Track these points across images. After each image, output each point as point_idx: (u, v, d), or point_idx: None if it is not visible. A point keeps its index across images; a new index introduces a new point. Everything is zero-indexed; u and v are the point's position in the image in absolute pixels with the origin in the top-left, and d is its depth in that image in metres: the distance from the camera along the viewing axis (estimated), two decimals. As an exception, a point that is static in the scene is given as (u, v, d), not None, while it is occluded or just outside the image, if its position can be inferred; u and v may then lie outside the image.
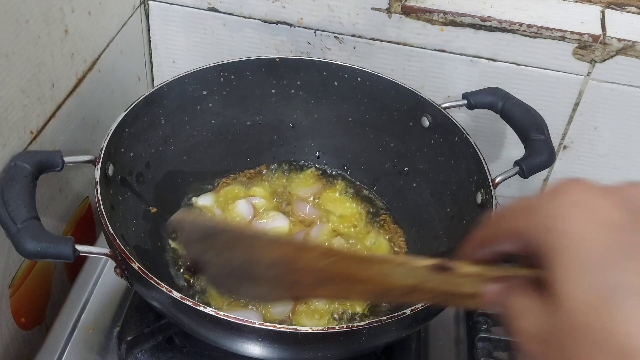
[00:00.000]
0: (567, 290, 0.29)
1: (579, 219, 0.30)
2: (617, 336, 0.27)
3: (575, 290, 0.29)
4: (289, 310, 0.73)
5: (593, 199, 0.30)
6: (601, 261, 0.29)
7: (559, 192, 0.31)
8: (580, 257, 0.29)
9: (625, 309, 0.27)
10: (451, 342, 0.80)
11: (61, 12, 0.74)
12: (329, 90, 0.87)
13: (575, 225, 0.30)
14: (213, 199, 0.85)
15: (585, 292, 0.28)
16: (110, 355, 0.74)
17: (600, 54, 0.86)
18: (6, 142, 0.68)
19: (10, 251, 0.69)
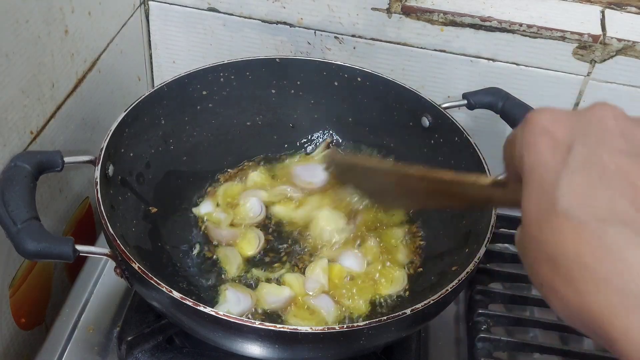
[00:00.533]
0: (525, 207, 0.34)
1: (539, 146, 0.34)
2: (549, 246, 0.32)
3: (529, 207, 0.33)
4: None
5: (551, 124, 0.34)
6: (547, 181, 0.33)
7: (527, 122, 0.35)
8: (536, 179, 0.33)
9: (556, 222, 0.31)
10: (451, 342, 0.80)
11: (61, 12, 0.74)
12: (329, 90, 0.87)
13: (536, 153, 0.34)
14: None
15: (533, 208, 0.33)
16: (110, 355, 0.74)
17: (600, 54, 0.86)
18: (6, 142, 0.68)
19: (10, 251, 0.69)
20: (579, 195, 0.31)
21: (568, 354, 0.78)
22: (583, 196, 0.31)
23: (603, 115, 0.34)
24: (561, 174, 0.32)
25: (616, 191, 0.30)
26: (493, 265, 0.87)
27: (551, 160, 0.33)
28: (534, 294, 0.85)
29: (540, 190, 0.33)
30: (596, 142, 0.32)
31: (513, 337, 0.79)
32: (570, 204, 0.31)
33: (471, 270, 0.63)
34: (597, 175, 0.31)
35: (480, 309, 0.80)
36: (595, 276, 0.30)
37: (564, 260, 0.31)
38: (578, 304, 0.31)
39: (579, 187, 0.31)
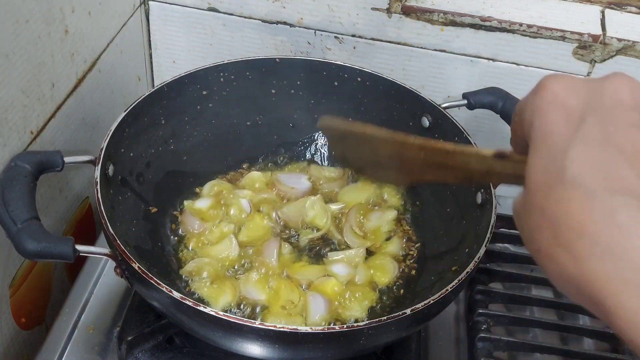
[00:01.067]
0: (529, 174, 0.34)
1: (549, 112, 0.34)
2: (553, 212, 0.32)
3: (535, 175, 0.34)
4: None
5: (564, 93, 0.34)
6: (556, 150, 0.33)
7: (538, 88, 0.35)
8: (543, 148, 0.33)
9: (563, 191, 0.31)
10: (451, 342, 0.80)
11: (61, 12, 0.74)
12: (329, 90, 0.87)
13: (547, 121, 0.34)
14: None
15: (539, 176, 0.33)
16: (111, 355, 0.74)
17: (600, 54, 0.86)
18: (6, 142, 0.68)
19: (10, 251, 0.69)
20: (588, 166, 0.31)
21: (568, 354, 0.78)
22: (592, 167, 0.31)
23: (618, 87, 0.33)
24: (572, 143, 0.32)
25: (626, 164, 0.31)
26: (493, 265, 0.87)
27: (562, 130, 0.33)
28: (534, 294, 0.85)
29: (549, 158, 0.33)
30: (609, 115, 0.32)
31: (513, 337, 0.79)
32: (579, 173, 0.31)
33: (471, 270, 0.63)
34: (608, 148, 0.31)
35: (480, 309, 0.80)
36: (597, 244, 0.30)
37: (567, 228, 0.31)
38: (575, 272, 0.31)
39: (589, 158, 0.31)
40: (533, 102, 0.35)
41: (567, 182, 0.31)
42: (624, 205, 0.30)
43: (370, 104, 0.87)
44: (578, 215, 0.31)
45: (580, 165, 0.31)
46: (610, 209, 0.30)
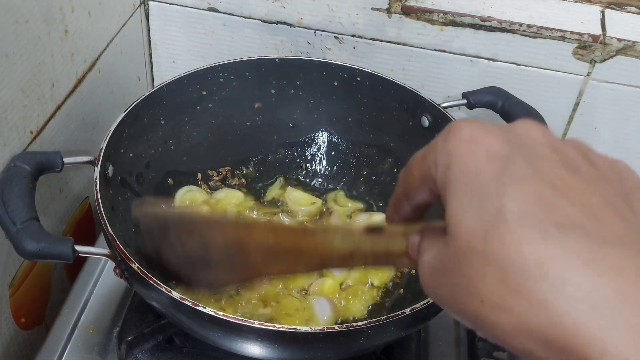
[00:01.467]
0: (457, 219, 0.31)
1: (468, 153, 0.32)
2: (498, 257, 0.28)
3: (465, 217, 0.30)
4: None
5: (481, 134, 0.32)
6: (487, 190, 0.30)
7: (451, 131, 0.33)
8: (469, 187, 0.31)
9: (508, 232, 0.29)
10: (451, 342, 0.80)
11: (61, 12, 0.74)
12: (329, 90, 0.87)
13: (465, 159, 0.32)
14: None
15: (473, 219, 0.30)
16: (110, 355, 0.74)
17: (600, 54, 0.86)
18: (6, 142, 0.68)
19: (10, 252, 0.69)
20: (529, 203, 0.29)
21: (568, 354, 0.78)
22: (534, 203, 0.29)
23: (531, 131, 0.33)
24: (504, 181, 0.30)
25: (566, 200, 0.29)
26: (493, 265, 0.86)
27: (488, 169, 0.31)
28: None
29: (480, 199, 0.30)
30: (532, 153, 0.31)
31: (513, 337, 0.79)
32: (521, 211, 0.29)
33: (471, 271, 0.63)
34: (542, 184, 0.29)
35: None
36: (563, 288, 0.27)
37: (520, 273, 0.28)
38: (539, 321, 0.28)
39: (527, 194, 0.29)
40: (446, 145, 0.32)
41: (511, 221, 0.29)
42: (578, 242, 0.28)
43: (370, 104, 0.87)
44: (533, 256, 0.28)
45: (520, 203, 0.29)
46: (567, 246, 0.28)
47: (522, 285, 0.28)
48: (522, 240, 0.28)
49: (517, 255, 0.28)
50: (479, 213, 0.30)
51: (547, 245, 0.28)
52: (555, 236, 0.28)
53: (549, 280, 0.27)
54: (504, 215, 0.29)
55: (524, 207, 0.29)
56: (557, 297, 0.27)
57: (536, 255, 0.28)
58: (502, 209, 0.29)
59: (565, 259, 0.27)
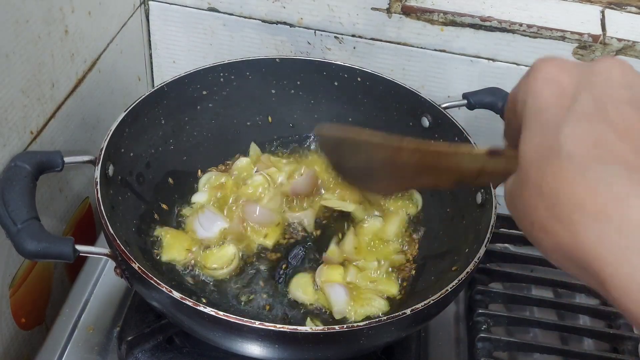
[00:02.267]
0: (523, 150, 0.34)
1: (542, 90, 0.35)
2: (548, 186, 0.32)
3: (529, 151, 0.34)
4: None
5: (557, 72, 0.35)
6: (550, 125, 0.33)
7: (533, 68, 0.36)
8: (537, 124, 0.34)
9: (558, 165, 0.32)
10: (451, 342, 0.80)
11: (61, 12, 0.74)
12: (329, 90, 0.87)
13: (540, 99, 0.35)
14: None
15: (533, 151, 0.34)
16: (111, 355, 0.74)
17: (600, 54, 0.86)
18: (6, 142, 0.68)
19: (10, 251, 0.69)
20: (582, 140, 0.32)
21: (568, 354, 0.78)
22: (586, 141, 0.32)
23: (610, 67, 0.34)
24: (565, 119, 0.33)
25: (617, 138, 0.31)
26: (493, 265, 0.87)
27: (555, 106, 0.34)
28: (534, 294, 0.85)
29: (542, 134, 0.33)
30: (601, 92, 0.33)
31: (513, 337, 0.79)
32: (573, 147, 0.32)
33: (471, 270, 0.63)
34: (600, 123, 0.32)
35: (480, 309, 0.80)
36: (591, 214, 0.30)
37: (562, 199, 0.32)
38: (571, 242, 0.31)
39: (582, 132, 0.32)
40: (526, 84, 0.36)
41: (562, 156, 0.32)
42: (616, 176, 0.30)
43: (370, 104, 0.87)
44: (572, 186, 0.31)
45: (574, 140, 0.32)
46: (603, 179, 0.31)
47: (562, 212, 0.32)
48: (566, 173, 0.31)
49: (561, 186, 0.32)
50: (539, 147, 0.33)
51: (587, 178, 0.31)
52: (596, 170, 0.31)
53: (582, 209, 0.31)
54: (558, 151, 0.32)
55: (576, 145, 0.32)
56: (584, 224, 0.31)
57: (576, 187, 0.31)
58: (557, 144, 0.32)
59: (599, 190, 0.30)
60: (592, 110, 0.32)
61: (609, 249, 0.30)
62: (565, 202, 0.32)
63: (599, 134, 0.32)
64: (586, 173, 0.31)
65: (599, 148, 0.31)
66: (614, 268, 0.30)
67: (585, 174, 0.31)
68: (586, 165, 0.31)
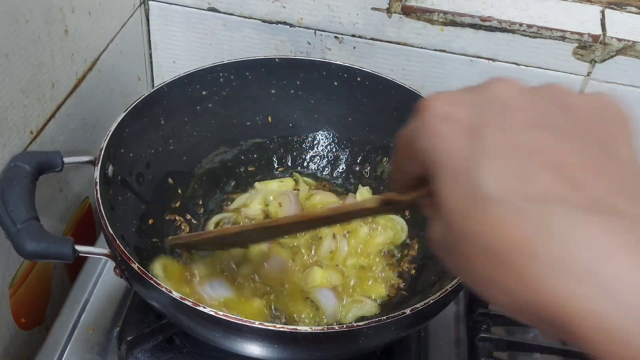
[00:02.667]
0: (444, 199, 0.31)
1: (444, 132, 0.31)
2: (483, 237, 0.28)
3: (449, 198, 0.30)
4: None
5: (452, 109, 0.32)
6: (464, 168, 0.30)
7: (424, 109, 0.33)
8: (448, 167, 0.31)
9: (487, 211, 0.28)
10: (451, 342, 0.80)
11: (61, 12, 0.74)
12: (329, 90, 0.87)
13: (443, 140, 0.31)
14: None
15: (455, 200, 0.30)
16: (110, 355, 0.74)
17: (600, 54, 0.86)
18: (6, 142, 0.68)
19: (10, 252, 0.69)
20: (505, 179, 0.29)
21: (568, 354, 0.78)
22: (509, 179, 0.29)
23: (502, 91, 0.33)
24: (478, 157, 0.30)
25: (542, 169, 0.29)
26: (493, 265, 0.86)
27: (462, 146, 0.30)
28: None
29: (456, 177, 0.30)
30: (503, 120, 0.31)
31: (513, 337, 0.79)
32: (499, 189, 0.28)
33: (471, 271, 0.63)
34: (517, 155, 0.29)
35: (480, 309, 0.80)
36: (542, 262, 0.27)
37: (504, 251, 0.28)
38: (526, 295, 0.28)
39: (502, 170, 0.29)
40: (422, 126, 0.33)
41: (489, 202, 0.28)
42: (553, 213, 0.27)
43: (370, 104, 0.87)
44: (512, 234, 0.28)
45: (493, 178, 0.29)
46: (542, 220, 0.27)
47: (507, 263, 0.28)
48: (499, 219, 0.28)
49: (498, 236, 0.28)
50: (458, 194, 0.30)
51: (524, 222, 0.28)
52: (531, 211, 0.28)
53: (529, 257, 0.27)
54: (480, 195, 0.29)
55: (498, 183, 0.29)
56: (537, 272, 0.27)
57: (515, 234, 0.28)
58: (477, 187, 0.29)
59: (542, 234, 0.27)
60: (502, 142, 0.30)
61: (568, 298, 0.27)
62: (507, 252, 0.28)
63: (517, 167, 0.29)
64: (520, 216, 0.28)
65: (524, 183, 0.28)
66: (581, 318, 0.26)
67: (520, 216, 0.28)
68: (517, 206, 0.28)
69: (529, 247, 0.27)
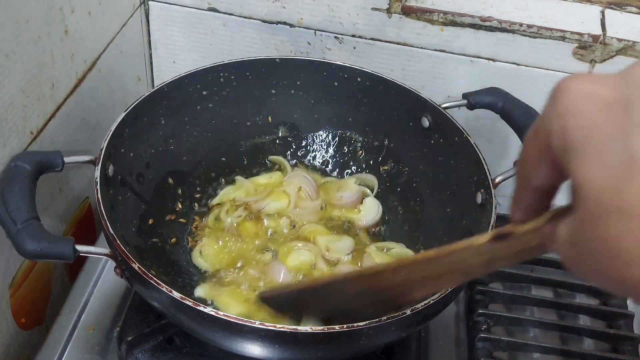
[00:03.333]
0: (584, 179, 0.29)
1: (587, 109, 0.30)
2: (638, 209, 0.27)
3: (593, 175, 0.28)
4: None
5: (590, 86, 0.30)
6: (612, 141, 0.28)
7: (557, 92, 0.31)
8: (591, 144, 0.29)
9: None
10: (451, 342, 0.80)
11: (61, 12, 0.74)
12: (329, 90, 0.87)
13: (586, 116, 0.30)
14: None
15: (602, 175, 0.28)
16: (111, 355, 0.74)
17: (600, 54, 0.86)
18: (6, 142, 0.68)
19: (10, 251, 0.69)
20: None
21: (568, 354, 0.78)
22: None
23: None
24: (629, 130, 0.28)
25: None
26: (493, 265, 0.86)
27: (608, 120, 0.29)
28: (534, 294, 0.85)
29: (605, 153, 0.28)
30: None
31: (513, 337, 0.79)
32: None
33: (471, 270, 0.63)
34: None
35: (480, 309, 0.80)
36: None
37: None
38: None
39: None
40: (556, 109, 0.31)
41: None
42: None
43: (370, 104, 0.87)
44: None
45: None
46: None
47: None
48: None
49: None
50: (608, 167, 0.28)
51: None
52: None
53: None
54: (637, 164, 0.27)
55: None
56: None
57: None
58: (633, 157, 0.27)
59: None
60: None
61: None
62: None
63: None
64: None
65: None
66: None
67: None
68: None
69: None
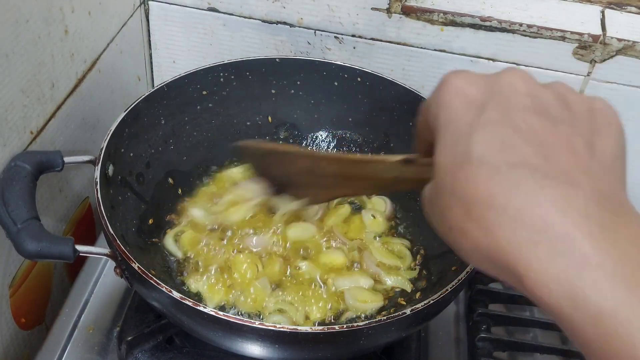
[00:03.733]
0: (439, 159, 0.36)
1: (454, 104, 0.37)
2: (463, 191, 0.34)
3: (443, 159, 0.36)
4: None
5: (465, 85, 0.38)
6: (461, 134, 0.35)
7: (443, 83, 0.39)
8: (449, 134, 0.36)
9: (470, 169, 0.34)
10: (451, 342, 0.80)
11: (61, 12, 0.74)
12: (329, 90, 0.87)
13: (451, 110, 0.37)
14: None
15: (447, 159, 0.36)
16: (110, 355, 0.74)
17: (600, 54, 0.86)
18: (6, 142, 0.68)
19: (10, 251, 0.69)
20: (491, 145, 0.34)
21: (568, 354, 0.78)
22: (495, 146, 0.34)
23: (513, 78, 0.37)
24: (475, 127, 0.35)
25: (522, 141, 0.34)
26: (493, 265, 0.86)
27: (465, 116, 0.36)
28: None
29: (455, 142, 0.35)
30: (506, 101, 0.36)
31: (513, 337, 0.79)
32: (484, 152, 0.34)
33: (471, 270, 0.63)
34: (508, 130, 0.34)
35: (480, 309, 0.80)
36: (505, 214, 0.33)
37: (477, 202, 0.34)
38: (488, 243, 0.33)
39: (490, 138, 0.34)
40: (437, 97, 0.38)
41: (473, 161, 0.34)
42: (527, 176, 0.33)
43: (370, 104, 0.87)
44: (486, 189, 0.33)
45: (483, 145, 0.34)
46: (512, 181, 0.33)
47: (477, 214, 0.34)
48: (478, 177, 0.34)
49: (474, 190, 0.34)
50: (452, 155, 0.35)
51: (497, 181, 0.33)
52: (505, 173, 0.33)
53: (495, 209, 0.33)
54: (469, 157, 0.34)
55: (486, 150, 0.34)
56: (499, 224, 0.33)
57: (488, 190, 0.33)
58: (469, 151, 0.34)
59: (509, 192, 0.33)
60: (499, 118, 0.35)
61: (523, 246, 0.32)
62: (479, 205, 0.33)
63: (506, 138, 0.34)
64: (496, 175, 0.33)
65: (507, 152, 0.34)
66: (528, 263, 0.32)
67: (495, 176, 0.33)
68: (496, 168, 0.33)
69: (496, 199, 0.33)
